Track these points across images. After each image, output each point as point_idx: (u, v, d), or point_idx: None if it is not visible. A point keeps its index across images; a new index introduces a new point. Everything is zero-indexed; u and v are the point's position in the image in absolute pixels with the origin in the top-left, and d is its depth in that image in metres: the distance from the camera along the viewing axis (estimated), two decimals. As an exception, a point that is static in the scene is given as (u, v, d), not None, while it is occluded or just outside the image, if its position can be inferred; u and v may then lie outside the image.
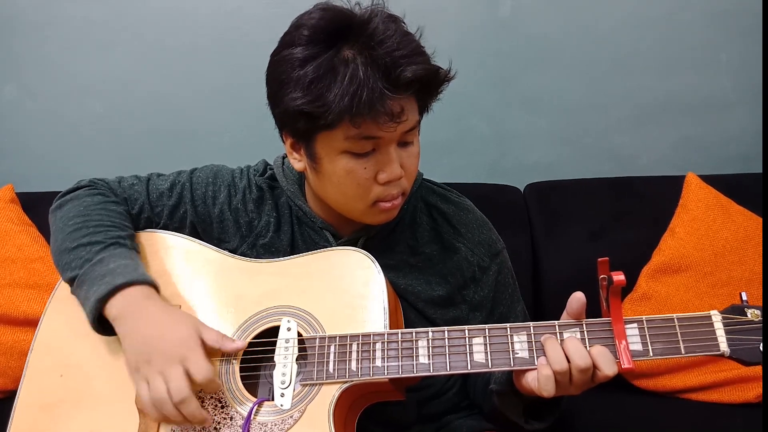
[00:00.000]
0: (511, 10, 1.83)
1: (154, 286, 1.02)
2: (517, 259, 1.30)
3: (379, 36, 0.93)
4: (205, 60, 1.84)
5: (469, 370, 0.92)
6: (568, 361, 0.88)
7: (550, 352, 0.89)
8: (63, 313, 1.08)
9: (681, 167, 1.84)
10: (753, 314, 0.89)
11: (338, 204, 1.06)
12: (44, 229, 1.63)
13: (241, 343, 0.99)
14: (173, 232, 1.15)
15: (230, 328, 1.03)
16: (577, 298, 0.91)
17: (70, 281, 1.04)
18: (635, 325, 0.90)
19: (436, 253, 1.13)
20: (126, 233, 1.09)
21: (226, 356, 1.01)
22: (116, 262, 1.01)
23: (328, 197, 1.06)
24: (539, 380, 0.89)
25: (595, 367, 0.87)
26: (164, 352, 0.94)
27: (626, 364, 0.88)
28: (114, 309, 0.98)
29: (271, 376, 0.98)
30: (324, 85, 0.92)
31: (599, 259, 0.89)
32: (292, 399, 0.96)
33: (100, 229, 1.07)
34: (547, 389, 0.88)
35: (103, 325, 1.01)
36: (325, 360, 0.96)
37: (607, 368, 0.87)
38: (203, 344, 0.96)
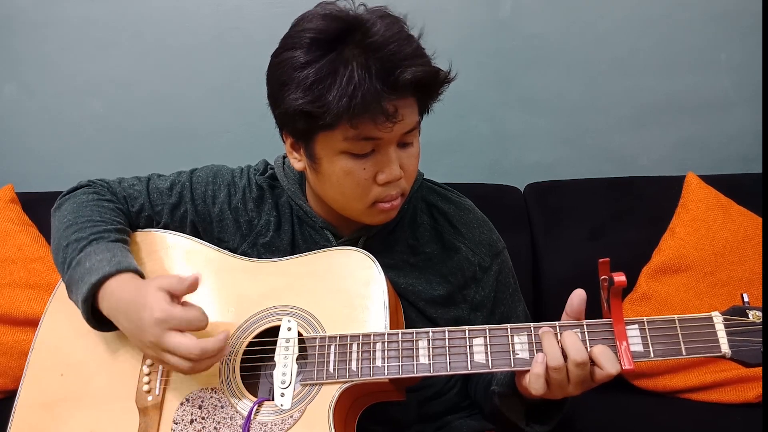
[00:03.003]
0: (511, 10, 1.83)
1: (133, 270, 1.02)
2: (517, 259, 1.30)
3: (380, 37, 0.93)
4: (205, 60, 1.84)
5: (470, 371, 0.92)
6: (565, 358, 0.88)
7: (547, 348, 0.89)
8: (63, 312, 1.08)
9: (681, 167, 1.84)
10: (754, 315, 0.89)
11: (337, 204, 1.06)
12: (44, 229, 1.63)
13: (193, 277, 0.96)
14: (173, 232, 1.15)
15: (231, 327, 1.03)
16: (578, 295, 0.92)
17: (65, 284, 1.05)
18: (636, 326, 0.90)
19: (437, 252, 1.13)
20: (112, 226, 1.09)
21: (227, 354, 1.01)
22: (92, 258, 1.01)
23: (327, 197, 1.06)
24: (530, 376, 0.89)
25: (597, 365, 0.87)
26: (148, 332, 0.93)
27: (627, 365, 0.87)
28: (103, 307, 0.99)
29: (272, 376, 0.99)
30: (325, 86, 0.92)
31: (600, 260, 0.89)
32: (292, 399, 0.96)
33: (87, 225, 1.07)
34: (536, 387, 0.89)
35: (102, 323, 1.01)
36: (326, 360, 0.96)
37: (610, 366, 0.87)
38: (171, 295, 0.95)
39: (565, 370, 0.88)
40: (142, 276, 1.03)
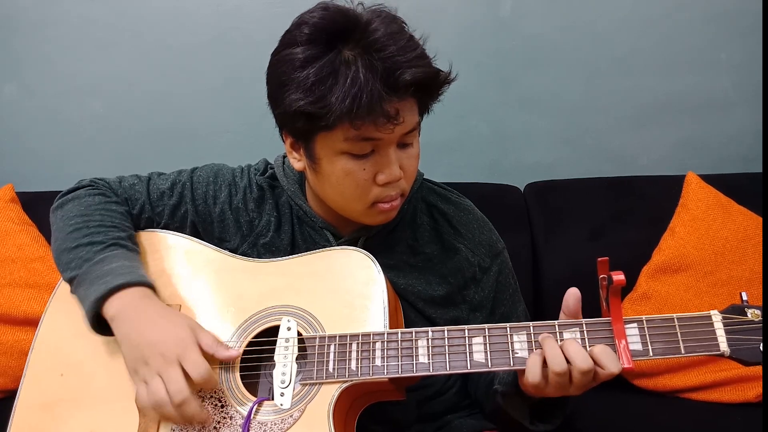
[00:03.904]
0: (511, 9, 1.83)
1: (153, 288, 1.03)
2: (517, 259, 1.30)
3: (380, 38, 0.93)
4: (205, 59, 1.84)
5: (469, 370, 0.92)
6: (569, 362, 0.87)
7: (549, 354, 0.88)
8: (64, 312, 1.08)
9: (681, 167, 1.84)
10: (753, 314, 0.89)
11: (337, 204, 1.06)
12: (44, 229, 1.63)
13: (235, 352, 0.98)
14: (173, 232, 1.15)
15: (230, 327, 1.03)
16: (573, 294, 0.92)
17: (70, 281, 1.05)
18: (635, 324, 0.90)
19: (437, 253, 1.13)
20: (126, 234, 1.09)
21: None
22: (116, 262, 1.02)
23: (327, 197, 1.06)
24: (527, 373, 0.89)
25: (599, 365, 0.87)
26: (161, 353, 0.94)
27: (626, 364, 0.88)
28: (112, 309, 0.99)
29: (271, 376, 0.99)
30: (325, 87, 0.92)
31: (599, 259, 0.89)
32: (292, 398, 0.96)
33: (101, 229, 1.07)
34: (533, 383, 0.88)
35: (101, 325, 1.01)
36: (325, 359, 0.96)
37: (612, 366, 0.87)
38: (199, 345, 0.96)
39: (569, 374, 0.88)
40: (156, 292, 1.04)
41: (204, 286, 1.08)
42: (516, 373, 0.97)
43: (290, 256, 1.08)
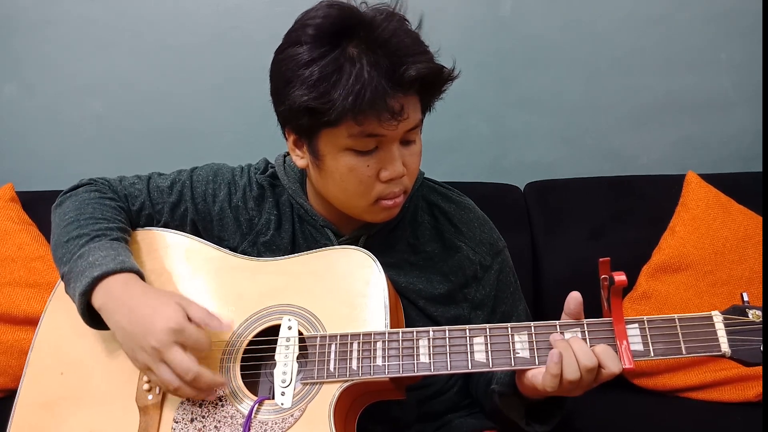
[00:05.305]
0: (512, 9, 1.83)
1: (137, 271, 1.02)
2: (518, 258, 1.30)
3: (384, 34, 0.93)
4: (206, 59, 1.84)
5: (470, 370, 0.92)
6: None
7: (566, 362, 0.87)
8: (63, 311, 1.08)
9: (681, 166, 1.84)
10: (754, 315, 0.89)
11: (340, 201, 1.06)
12: (44, 228, 1.63)
13: (227, 321, 0.99)
14: (173, 230, 1.15)
15: (231, 326, 1.03)
16: (575, 298, 0.92)
17: (62, 278, 1.05)
18: (636, 325, 0.90)
19: (438, 251, 1.14)
20: (115, 225, 1.09)
21: (227, 354, 1.01)
22: (95, 254, 1.02)
23: (330, 194, 1.06)
24: (545, 378, 0.89)
25: (600, 365, 0.87)
26: (155, 336, 0.94)
27: (627, 364, 0.88)
28: (98, 301, 0.99)
29: (272, 375, 0.99)
30: (329, 83, 0.92)
31: (600, 260, 0.89)
32: (293, 398, 0.96)
33: (89, 222, 1.08)
34: (551, 386, 0.88)
35: (97, 320, 1.01)
36: (326, 359, 0.96)
37: (613, 365, 0.87)
38: (190, 319, 0.97)
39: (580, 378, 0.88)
40: (142, 278, 1.03)
41: (204, 284, 1.08)
42: (513, 373, 0.97)
43: (291, 255, 1.08)
